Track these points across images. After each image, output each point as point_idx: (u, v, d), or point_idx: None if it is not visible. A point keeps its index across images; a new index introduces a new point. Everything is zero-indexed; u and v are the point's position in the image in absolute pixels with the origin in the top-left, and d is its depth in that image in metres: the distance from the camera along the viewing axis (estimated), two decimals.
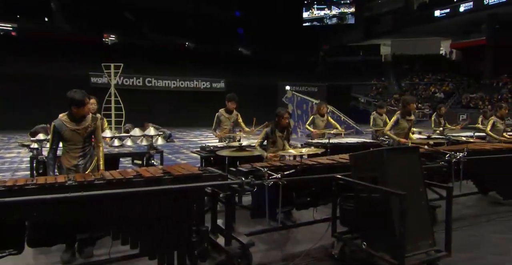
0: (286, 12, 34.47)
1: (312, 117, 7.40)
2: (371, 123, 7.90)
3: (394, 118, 5.70)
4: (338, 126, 7.22)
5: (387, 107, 8.30)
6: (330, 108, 17.40)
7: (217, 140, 6.16)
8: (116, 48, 26.78)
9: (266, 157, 4.58)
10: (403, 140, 5.54)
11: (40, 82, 19.05)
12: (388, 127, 5.69)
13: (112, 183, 2.85)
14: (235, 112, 6.15)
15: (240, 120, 6.18)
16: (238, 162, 4.68)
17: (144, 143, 5.27)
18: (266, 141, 4.80)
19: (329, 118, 7.43)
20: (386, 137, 5.93)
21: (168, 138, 13.90)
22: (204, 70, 25.10)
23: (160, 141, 5.24)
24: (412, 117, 5.74)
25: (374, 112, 7.84)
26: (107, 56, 18.20)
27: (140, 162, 5.24)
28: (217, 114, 6.10)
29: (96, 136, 3.67)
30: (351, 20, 36.32)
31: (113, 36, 30.07)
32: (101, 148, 3.69)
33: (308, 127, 7.36)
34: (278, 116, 4.70)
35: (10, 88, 18.36)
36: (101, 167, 3.63)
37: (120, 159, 5.13)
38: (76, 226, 2.78)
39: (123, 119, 14.60)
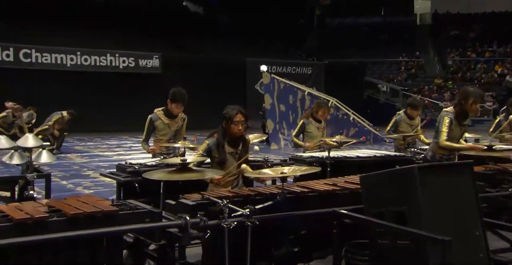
0: None
1: (301, 122, 7.45)
2: (388, 127, 7.94)
3: (446, 121, 5.62)
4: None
5: (422, 108, 8.38)
6: (333, 101, 17.69)
7: (149, 155, 6.19)
8: None
9: (210, 181, 4.61)
10: (479, 146, 5.65)
11: None
12: (443, 136, 5.56)
13: None
14: (181, 114, 6.16)
15: (184, 127, 6.23)
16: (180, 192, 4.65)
17: (17, 161, 5.13)
18: (210, 158, 4.84)
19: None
20: (441, 153, 5.80)
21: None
22: (126, 38, 24.92)
23: (45, 157, 5.11)
24: (467, 121, 5.86)
25: (402, 113, 7.93)
26: None
27: (7, 194, 5.11)
28: (150, 117, 6.07)
29: None
30: None
31: None
32: None
33: (296, 141, 7.39)
34: (226, 119, 4.69)
35: None
36: None
37: None
38: None
39: None
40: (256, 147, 6.73)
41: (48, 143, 5.54)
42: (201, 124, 12.46)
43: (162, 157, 5.88)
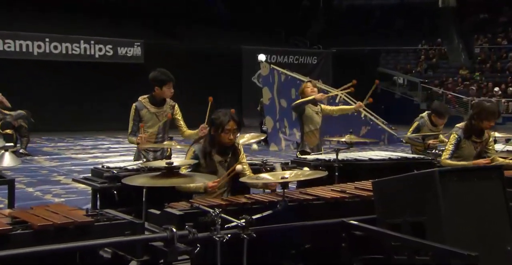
0: None
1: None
2: (410, 131, 7.99)
3: (452, 138, 5.90)
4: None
5: (449, 115, 8.40)
6: (342, 95, 17.64)
7: (130, 158, 6.17)
8: None
9: (205, 188, 4.58)
10: (483, 161, 5.73)
11: None
12: (445, 154, 5.91)
13: None
14: (169, 102, 6.16)
15: (179, 116, 6.22)
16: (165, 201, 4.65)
17: None
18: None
19: (326, 107, 7.62)
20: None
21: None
22: (103, 23, 24.87)
23: (7, 161, 5.11)
24: (486, 137, 5.97)
25: (425, 116, 7.93)
26: None
27: None
28: (134, 105, 6.08)
29: None
30: None
31: None
32: None
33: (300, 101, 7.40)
34: (216, 125, 4.69)
35: None
36: None
37: None
38: None
39: None
40: (254, 146, 6.67)
41: (12, 144, 5.52)
42: (190, 121, 12.44)
43: (144, 160, 5.85)
